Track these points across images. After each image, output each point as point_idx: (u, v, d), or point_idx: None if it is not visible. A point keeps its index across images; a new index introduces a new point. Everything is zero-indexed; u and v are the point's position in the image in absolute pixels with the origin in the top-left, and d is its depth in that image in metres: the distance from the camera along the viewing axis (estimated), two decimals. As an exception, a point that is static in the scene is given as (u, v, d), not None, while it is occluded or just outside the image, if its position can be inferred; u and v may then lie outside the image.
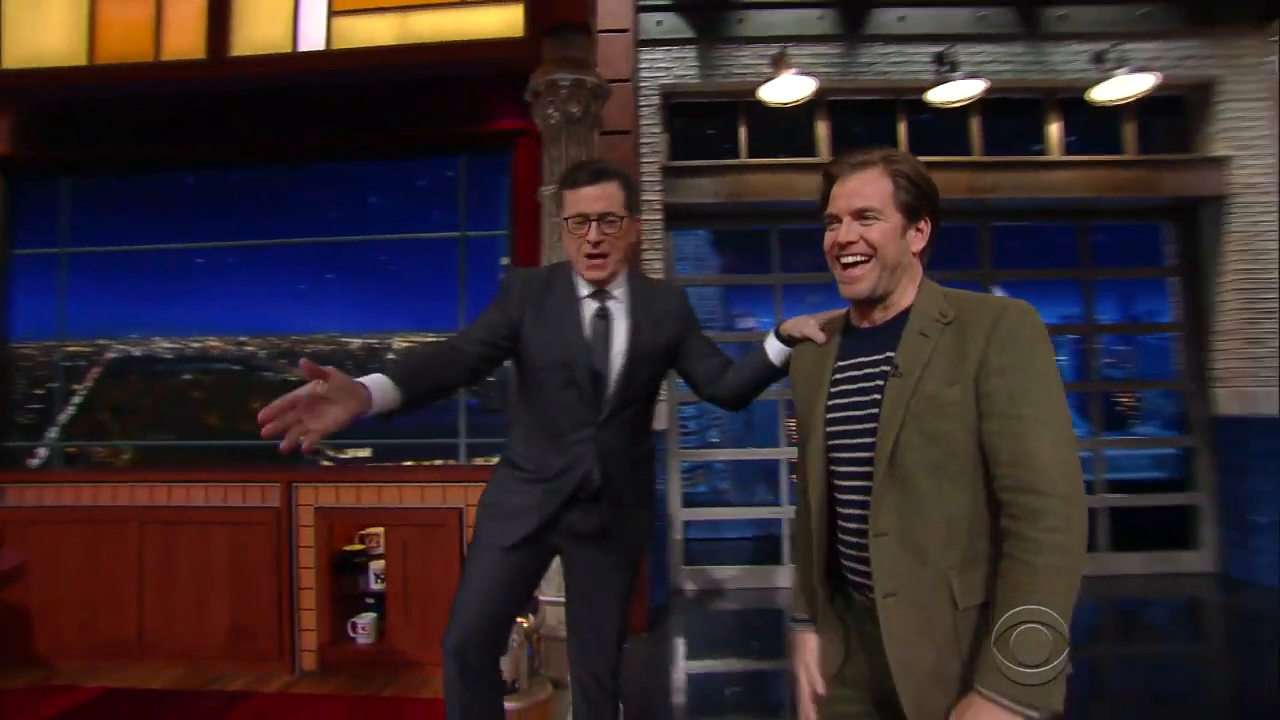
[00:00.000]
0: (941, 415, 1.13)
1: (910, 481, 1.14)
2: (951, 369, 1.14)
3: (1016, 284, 5.48)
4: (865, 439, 1.19)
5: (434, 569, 2.55)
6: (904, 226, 1.24)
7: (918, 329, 1.20)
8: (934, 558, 1.11)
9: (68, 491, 2.92)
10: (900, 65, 4.80)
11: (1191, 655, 3.88)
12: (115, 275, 5.14)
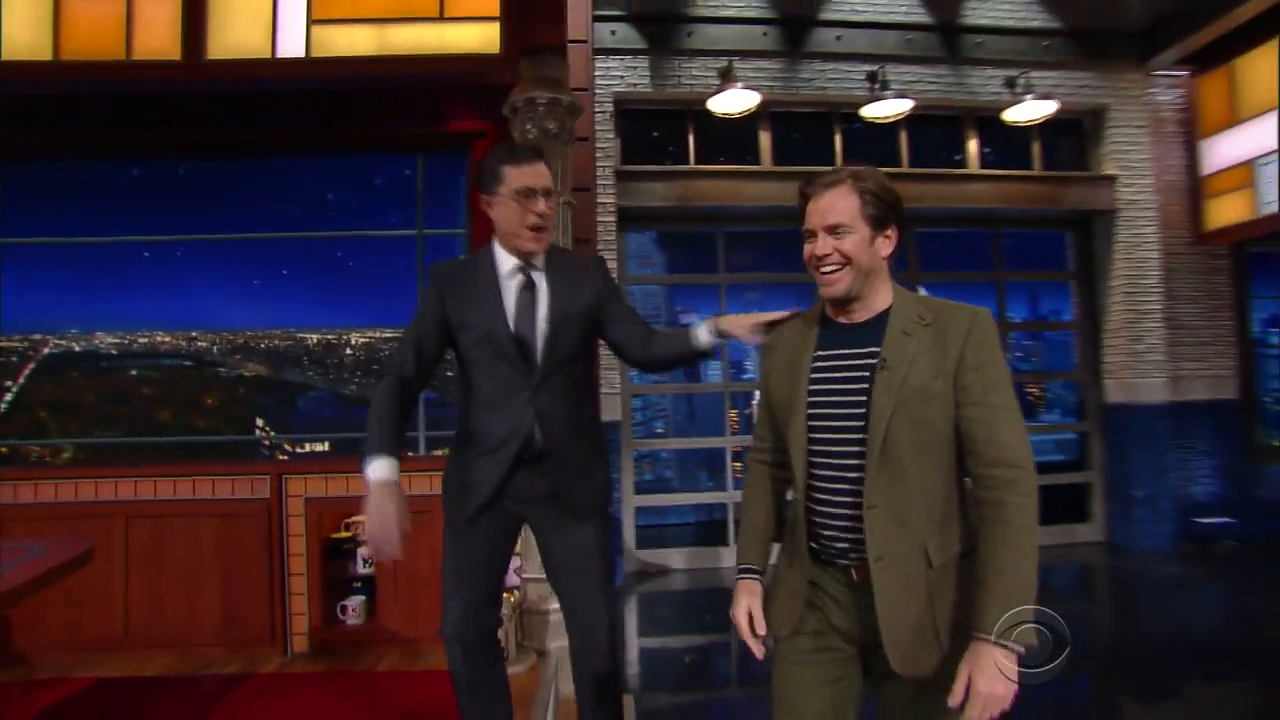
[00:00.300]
0: (926, 404, 1.29)
1: (898, 461, 1.29)
2: (934, 364, 1.30)
3: (938, 285, 5.99)
4: (853, 423, 1.34)
5: (420, 552, 2.72)
6: (872, 236, 1.38)
7: (900, 329, 1.36)
8: (914, 526, 1.29)
9: (44, 489, 2.93)
10: (837, 81, 5.18)
11: (1083, 611, 4.44)
12: (53, 267, 4.97)
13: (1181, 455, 5.38)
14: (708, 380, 6.01)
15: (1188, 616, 4.22)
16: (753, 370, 6.00)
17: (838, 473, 1.36)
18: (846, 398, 1.35)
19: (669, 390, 6.37)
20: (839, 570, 1.36)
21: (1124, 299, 5.40)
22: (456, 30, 3.04)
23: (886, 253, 1.39)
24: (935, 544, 1.29)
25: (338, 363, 4.98)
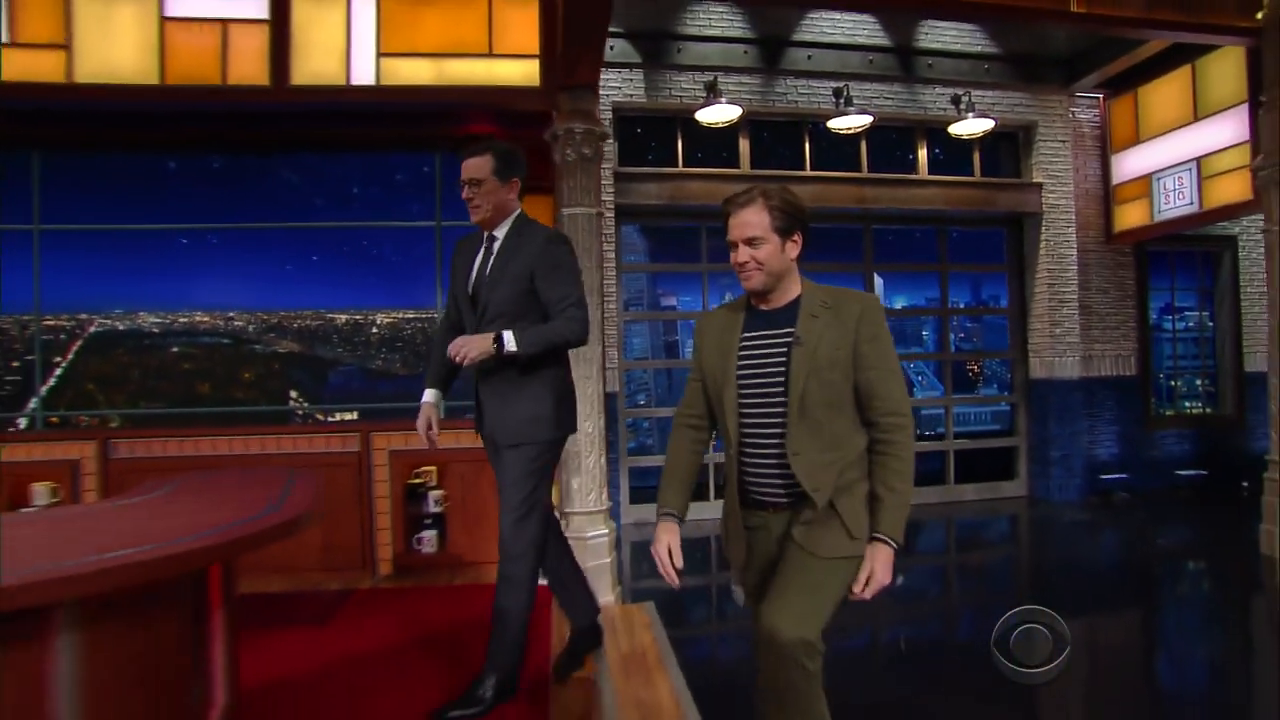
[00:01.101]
0: (832, 370, 1.61)
1: (812, 416, 1.62)
2: (837, 339, 1.62)
3: (892, 274, 6.85)
4: (775, 389, 1.65)
5: (483, 493, 3.41)
6: (782, 244, 1.66)
7: (809, 312, 1.67)
8: (829, 466, 1.62)
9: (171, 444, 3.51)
10: (807, 96, 5.90)
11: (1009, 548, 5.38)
12: (98, 252, 5.41)
13: (1090, 423, 6.35)
14: (686, 357, 6.75)
15: (1088, 550, 5.18)
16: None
17: (764, 430, 1.67)
18: (769, 369, 1.67)
19: (651, 367, 7.10)
20: (767, 509, 1.70)
21: (1046, 289, 6.31)
22: (502, 65, 3.66)
23: (794, 255, 1.68)
24: (840, 476, 1.64)
25: (364, 340, 5.55)
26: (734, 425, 1.67)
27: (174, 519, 1.57)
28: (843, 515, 1.61)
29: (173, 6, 3.58)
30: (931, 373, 7.69)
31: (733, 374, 1.69)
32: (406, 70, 3.66)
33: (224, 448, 3.53)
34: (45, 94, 3.51)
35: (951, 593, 4.73)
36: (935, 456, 6.61)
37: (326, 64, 3.61)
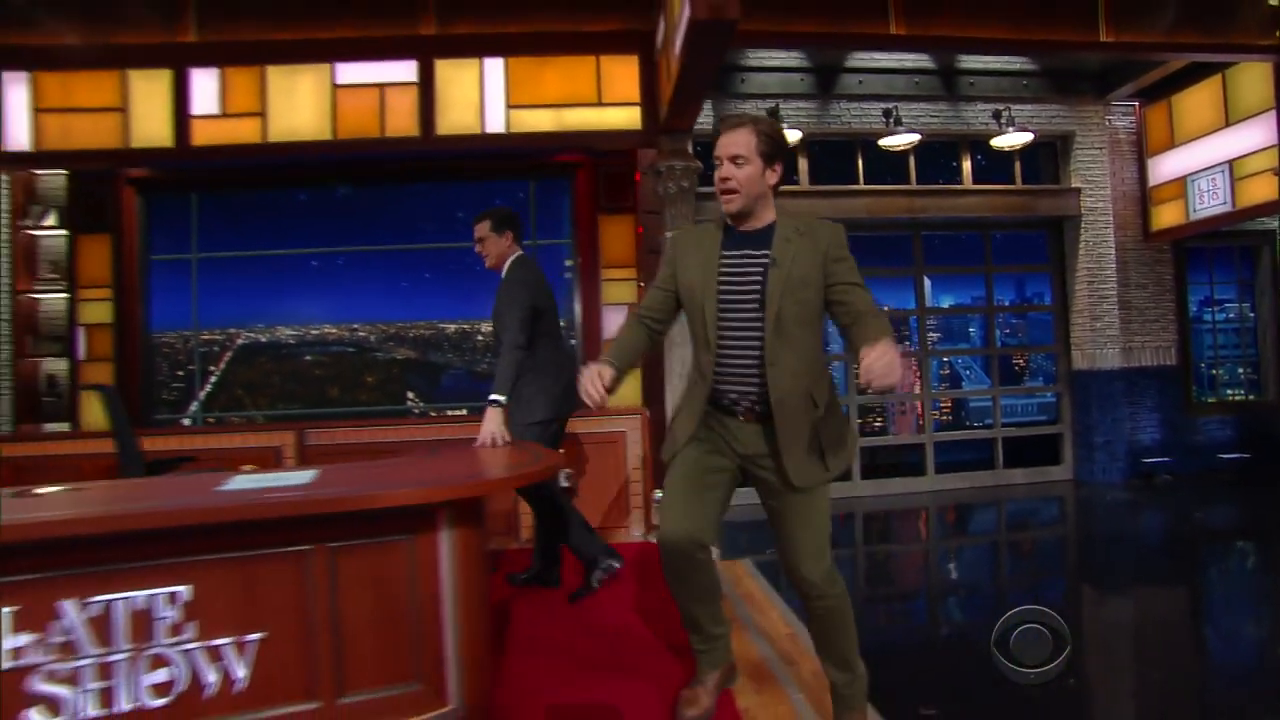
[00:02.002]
0: (805, 289, 1.78)
1: (787, 331, 1.77)
2: (810, 261, 1.79)
3: (940, 277, 7.39)
4: (751, 304, 1.81)
5: (605, 471, 4.10)
6: (763, 168, 1.81)
7: (784, 237, 1.81)
8: (801, 376, 1.80)
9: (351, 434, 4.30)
10: (859, 118, 6.50)
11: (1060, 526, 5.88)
12: (243, 276, 6.29)
13: (1132, 410, 6.79)
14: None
15: (1135, 526, 5.66)
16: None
17: (740, 341, 1.84)
18: (747, 286, 1.84)
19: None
20: (736, 413, 1.89)
21: (1086, 286, 6.79)
22: (609, 112, 4.37)
23: (773, 182, 1.85)
24: (817, 390, 1.84)
25: (471, 347, 6.32)
26: (713, 335, 1.85)
27: (461, 467, 2.27)
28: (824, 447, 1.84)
29: (342, 75, 4.39)
30: (979, 366, 8.18)
31: (713, 288, 1.84)
32: (530, 119, 4.40)
33: (391, 435, 4.28)
34: (247, 152, 4.34)
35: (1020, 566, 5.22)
36: (984, 444, 7.12)
37: (465, 116, 4.37)
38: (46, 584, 1.62)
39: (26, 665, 1.60)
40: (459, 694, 1.92)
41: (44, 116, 4.43)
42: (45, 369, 5.93)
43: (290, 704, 1.79)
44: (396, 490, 1.84)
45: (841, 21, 4.77)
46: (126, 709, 1.67)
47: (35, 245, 5.85)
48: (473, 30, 4.47)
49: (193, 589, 1.72)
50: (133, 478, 2.98)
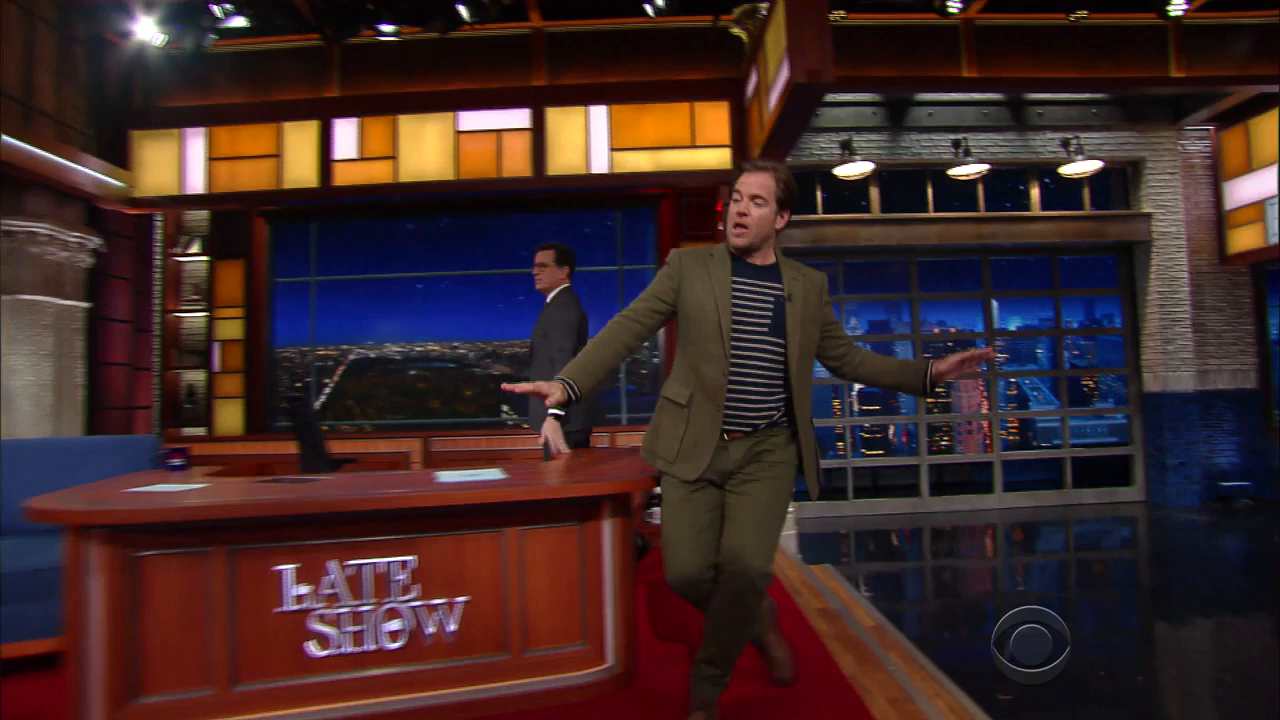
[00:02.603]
0: (811, 326, 2.03)
1: (803, 362, 2.01)
2: (812, 303, 2.04)
3: (1008, 300, 7.56)
4: (764, 330, 1.98)
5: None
6: (776, 212, 2.01)
7: (790, 277, 2.03)
8: (805, 400, 2.04)
9: (470, 441, 4.82)
10: (929, 148, 6.79)
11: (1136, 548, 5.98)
12: (355, 297, 6.96)
13: (1209, 433, 6.81)
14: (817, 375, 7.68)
15: (1215, 548, 5.71)
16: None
17: (752, 368, 1.99)
18: (762, 314, 2.00)
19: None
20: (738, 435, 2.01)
21: (1158, 310, 6.87)
22: (702, 153, 4.82)
23: (780, 226, 2.05)
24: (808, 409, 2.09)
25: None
26: (725, 352, 1.96)
27: (610, 468, 2.70)
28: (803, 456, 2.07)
29: (464, 123, 4.96)
30: (1047, 388, 8.27)
31: (728, 312, 1.97)
32: (630, 160, 4.89)
33: (495, 444, 4.79)
34: (381, 191, 4.94)
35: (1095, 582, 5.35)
36: (1052, 464, 7.23)
37: (572, 158, 4.88)
38: (318, 549, 2.12)
39: (305, 609, 2.09)
40: (615, 654, 2.34)
41: (216, 164, 5.14)
42: (186, 380, 6.67)
43: (487, 655, 2.24)
44: (573, 485, 2.29)
45: (915, 65, 5.13)
46: (370, 649, 2.14)
47: (181, 271, 6.61)
48: (580, 81, 5.01)
49: (418, 559, 2.19)
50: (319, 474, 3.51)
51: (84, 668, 1.97)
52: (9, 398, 4.44)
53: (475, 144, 4.92)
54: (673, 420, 2.07)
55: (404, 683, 2.16)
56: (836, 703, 2.25)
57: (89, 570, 1.98)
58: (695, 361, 2.02)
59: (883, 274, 7.16)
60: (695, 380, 2.02)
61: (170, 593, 2.04)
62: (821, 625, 2.99)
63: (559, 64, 5.09)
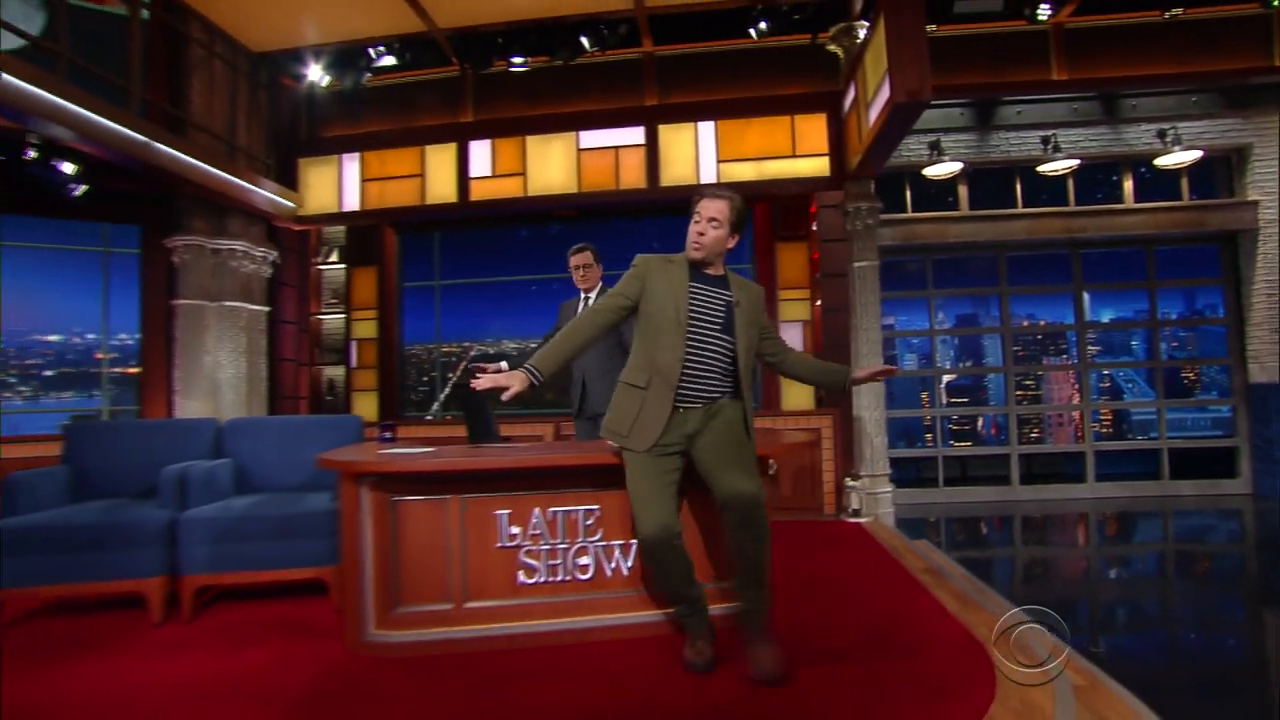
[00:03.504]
0: (753, 329, 2.45)
1: (746, 359, 2.43)
2: (754, 310, 2.45)
3: (1101, 293, 7.61)
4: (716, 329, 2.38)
5: (802, 461, 4.94)
6: (728, 234, 2.42)
7: (737, 286, 2.45)
8: (747, 382, 2.45)
9: None
10: (1018, 146, 6.95)
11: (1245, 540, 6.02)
12: (475, 298, 7.68)
13: (1320, 424, 6.71)
14: (904, 367, 7.92)
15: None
16: (940, 360, 7.82)
17: (705, 359, 2.41)
18: (714, 316, 2.42)
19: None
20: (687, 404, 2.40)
21: (1264, 299, 6.81)
22: (802, 162, 5.24)
23: (731, 246, 2.47)
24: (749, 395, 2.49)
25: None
26: (680, 343, 2.35)
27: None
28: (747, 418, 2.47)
29: (584, 141, 5.56)
30: (1142, 380, 8.22)
31: (685, 313, 2.37)
32: (736, 170, 5.36)
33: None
34: (512, 204, 5.59)
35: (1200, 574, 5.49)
36: (1149, 455, 7.25)
37: (683, 170, 5.39)
38: (526, 499, 2.70)
39: (517, 545, 2.69)
40: (756, 592, 2.83)
41: (369, 184, 5.92)
42: (327, 374, 7.54)
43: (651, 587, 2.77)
44: (722, 450, 2.79)
45: (1003, 71, 5.38)
46: (565, 579, 2.72)
47: (322, 277, 7.49)
48: (688, 99, 5.52)
49: (600, 508, 2.75)
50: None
51: (361, 584, 2.62)
52: (217, 387, 5.32)
53: (595, 160, 5.51)
54: (629, 401, 2.42)
55: (590, 607, 2.73)
56: (947, 632, 2.67)
57: (363, 510, 2.63)
58: (653, 351, 2.39)
59: (970, 268, 7.36)
60: (652, 367, 2.38)
61: (419, 530, 2.66)
62: (926, 579, 3.40)
63: (669, 84, 5.61)
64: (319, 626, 2.95)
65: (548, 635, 2.65)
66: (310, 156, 6.12)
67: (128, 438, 3.68)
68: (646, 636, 2.71)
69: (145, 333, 5.50)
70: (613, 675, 2.38)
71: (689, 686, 2.28)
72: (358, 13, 5.14)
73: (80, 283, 5.36)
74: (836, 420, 5.06)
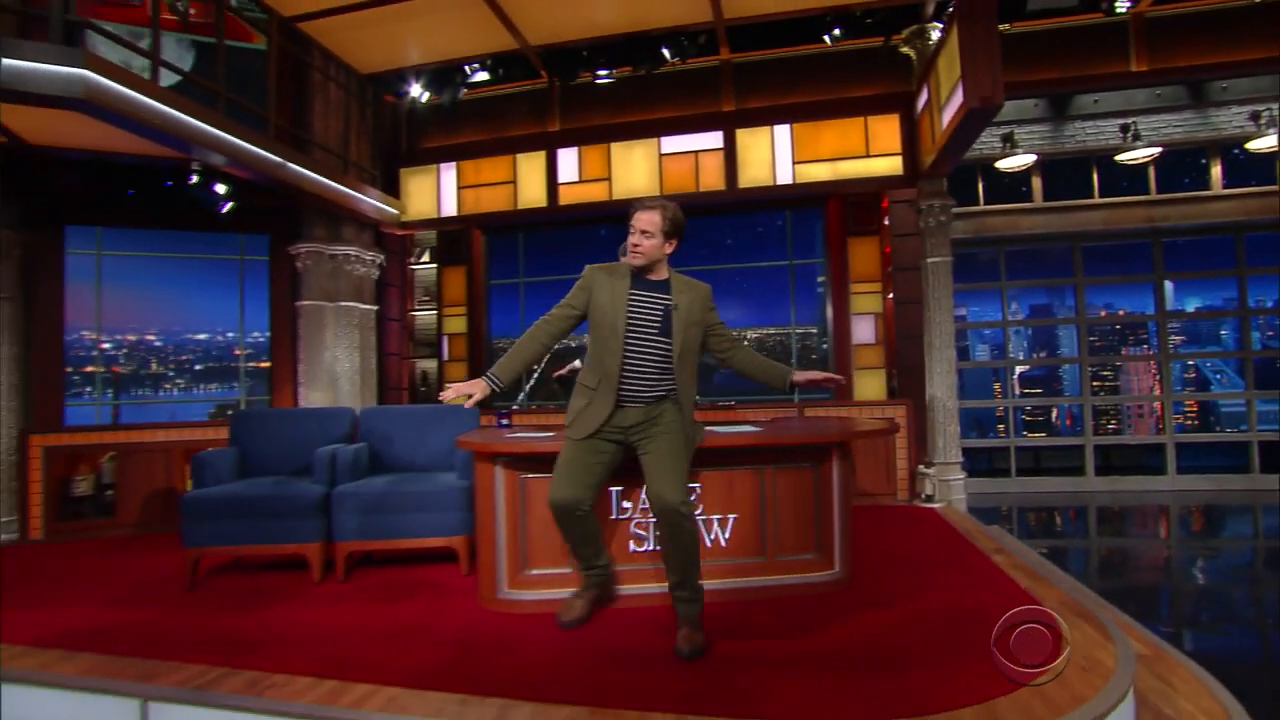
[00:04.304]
0: (695, 330, 2.61)
1: (684, 358, 2.59)
2: (697, 311, 2.61)
3: (1185, 281, 7.49)
4: (656, 334, 2.57)
5: (877, 449, 5.18)
6: (663, 242, 2.56)
7: (679, 290, 2.59)
8: (687, 382, 2.64)
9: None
10: (1094, 135, 6.92)
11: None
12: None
13: None
14: (975, 358, 7.98)
15: None
16: (1013, 351, 7.84)
17: (644, 360, 2.61)
18: (653, 320, 2.61)
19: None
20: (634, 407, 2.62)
21: (1362, 288, 6.60)
22: (875, 162, 5.44)
23: (669, 251, 2.62)
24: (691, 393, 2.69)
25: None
26: (619, 352, 2.58)
27: (838, 426, 3.50)
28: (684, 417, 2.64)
29: (665, 146, 5.90)
30: (1232, 370, 8.04)
31: (623, 318, 2.57)
32: (811, 171, 5.60)
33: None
34: (598, 208, 5.99)
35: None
36: (1239, 449, 7.12)
37: (760, 172, 5.67)
38: (635, 478, 3.07)
39: (628, 518, 3.08)
40: (840, 563, 3.15)
41: (464, 191, 6.43)
42: (420, 367, 8.13)
43: (749, 556, 3.12)
44: (809, 436, 3.12)
45: (1080, 65, 5.43)
46: (670, 547, 3.09)
47: (414, 276, 8.07)
48: (764, 104, 5.79)
49: (702, 486, 3.11)
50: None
51: (496, 550, 3.06)
52: (335, 379, 5.93)
53: (676, 164, 5.85)
54: (579, 399, 2.70)
55: (692, 572, 3.09)
56: (1016, 602, 2.92)
57: (497, 486, 3.06)
58: (600, 355, 2.62)
59: (1044, 258, 7.37)
60: (601, 370, 2.62)
61: (544, 503, 3.08)
62: (998, 559, 3.62)
63: (746, 90, 5.89)
64: (455, 587, 3.42)
65: (654, 596, 3.03)
66: (410, 166, 6.67)
67: (281, 424, 4.26)
68: (741, 600, 3.06)
69: (274, 331, 6.15)
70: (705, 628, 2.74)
71: (773, 636, 2.63)
72: (457, 34, 5.60)
73: (221, 287, 6.05)
74: (910, 410, 5.27)
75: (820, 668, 2.36)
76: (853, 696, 2.14)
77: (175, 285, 5.97)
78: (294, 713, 2.18)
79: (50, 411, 5.46)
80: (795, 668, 2.37)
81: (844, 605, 3.00)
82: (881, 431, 3.30)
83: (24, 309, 5.30)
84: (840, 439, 3.13)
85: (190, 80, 4.66)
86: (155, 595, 3.47)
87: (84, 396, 5.76)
